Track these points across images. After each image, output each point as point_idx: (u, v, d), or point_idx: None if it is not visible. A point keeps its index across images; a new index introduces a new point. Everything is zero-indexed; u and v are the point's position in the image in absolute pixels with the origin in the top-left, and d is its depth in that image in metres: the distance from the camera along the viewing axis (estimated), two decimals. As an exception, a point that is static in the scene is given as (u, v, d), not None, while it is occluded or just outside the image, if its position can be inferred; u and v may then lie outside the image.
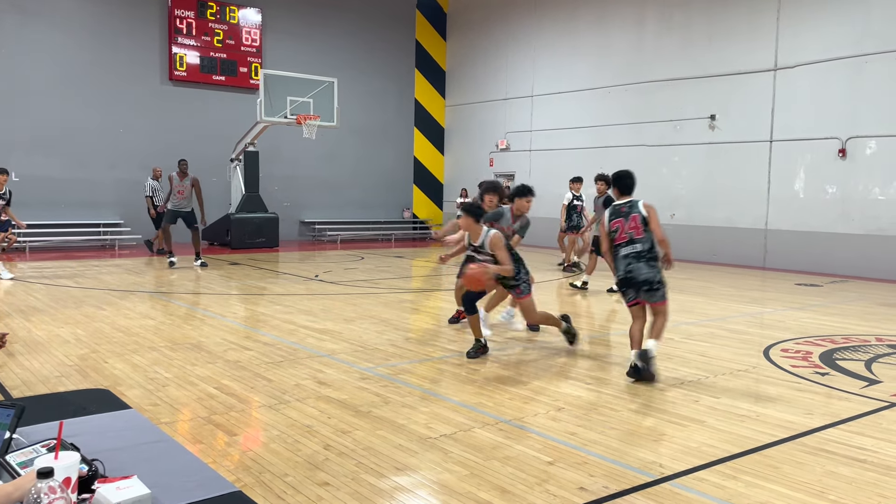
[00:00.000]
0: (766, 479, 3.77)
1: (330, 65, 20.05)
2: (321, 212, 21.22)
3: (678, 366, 6.29)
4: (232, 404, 4.93)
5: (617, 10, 18.05)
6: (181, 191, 13.01)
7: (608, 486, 3.63)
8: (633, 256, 5.78)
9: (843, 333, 7.96)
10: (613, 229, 5.92)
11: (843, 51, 13.91)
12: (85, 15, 17.23)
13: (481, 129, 22.20)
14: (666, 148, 16.98)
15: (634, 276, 5.76)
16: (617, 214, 5.92)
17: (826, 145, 14.23)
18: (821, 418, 4.84)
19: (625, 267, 5.81)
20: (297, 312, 8.70)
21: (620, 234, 5.87)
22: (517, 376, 5.82)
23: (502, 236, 6.34)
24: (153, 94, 18.22)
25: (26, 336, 7.01)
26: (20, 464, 2.07)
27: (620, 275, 5.88)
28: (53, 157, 16.80)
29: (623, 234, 5.85)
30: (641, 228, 5.79)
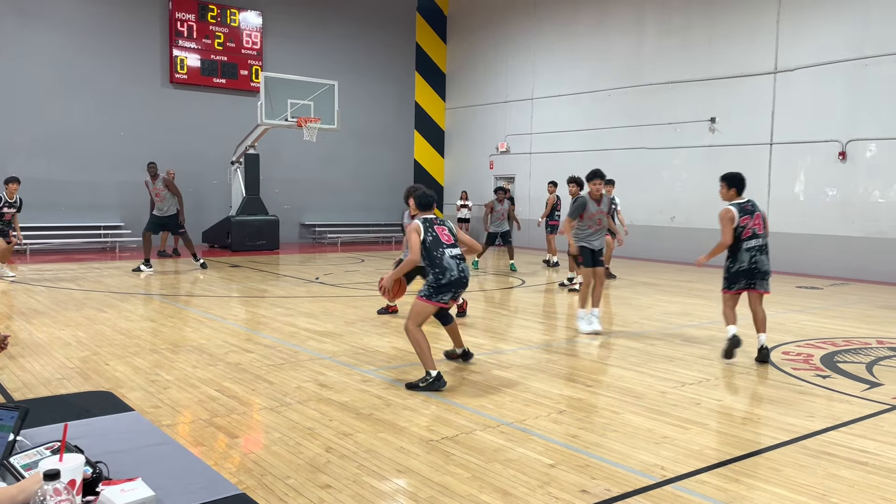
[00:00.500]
0: (767, 481, 3.77)
1: (330, 68, 20.07)
2: (322, 214, 21.22)
3: (679, 368, 6.29)
4: (233, 407, 4.93)
5: (616, 13, 18.08)
6: (157, 193, 12.91)
7: (610, 489, 3.63)
8: (757, 249, 6.58)
9: (843, 336, 7.96)
10: (742, 225, 6.59)
11: (843, 53, 13.93)
12: (86, 17, 17.25)
13: (481, 131, 22.22)
14: (666, 151, 17.00)
15: (759, 266, 6.58)
16: (744, 212, 6.63)
17: (826, 148, 14.24)
18: (822, 421, 4.84)
19: (749, 258, 6.57)
20: (298, 315, 8.70)
21: (747, 230, 6.59)
22: (518, 379, 5.82)
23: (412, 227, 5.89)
24: (154, 96, 18.23)
25: (27, 338, 7.02)
26: (24, 466, 2.07)
27: (744, 265, 6.59)
28: (54, 160, 16.81)
29: (749, 230, 6.59)
30: (762, 225, 6.63)
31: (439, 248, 5.65)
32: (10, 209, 11.40)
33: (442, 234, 5.75)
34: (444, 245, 5.68)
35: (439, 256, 5.63)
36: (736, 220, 6.57)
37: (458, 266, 5.66)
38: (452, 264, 5.63)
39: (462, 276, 5.68)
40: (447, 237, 5.77)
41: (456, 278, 5.63)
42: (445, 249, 5.67)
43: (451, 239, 5.79)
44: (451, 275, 5.61)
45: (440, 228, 5.78)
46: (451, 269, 5.61)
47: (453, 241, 5.79)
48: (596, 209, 8.09)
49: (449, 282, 5.63)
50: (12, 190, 11.35)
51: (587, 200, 8.11)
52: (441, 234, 5.74)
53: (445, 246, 5.69)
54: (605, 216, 8.21)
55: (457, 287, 5.71)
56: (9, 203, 11.36)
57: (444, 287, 5.64)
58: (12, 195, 11.37)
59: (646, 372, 6.16)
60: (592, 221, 8.07)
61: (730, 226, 6.59)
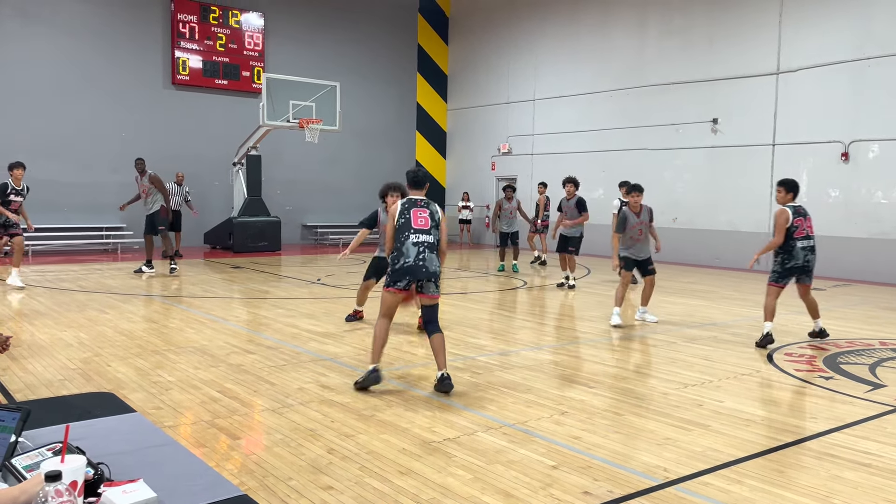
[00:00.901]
0: (771, 483, 3.76)
1: (332, 69, 20.08)
2: (323, 215, 21.23)
3: (682, 369, 6.28)
4: (235, 408, 4.93)
5: (618, 14, 18.07)
6: (144, 190, 12.50)
7: (612, 491, 3.62)
8: (810, 249, 7.37)
9: (846, 337, 7.94)
10: (796, 225, 7.30)
11: (845, 54, 13.91)
12: (88, 19, 17.27)
13: (483, 132, 22.22)
14: (668, 152, 16.99)
15: (810, 265, 7.39)
16: (798, 214, 7.36)
17: (829, 149, 14.23)
18: (825, 422, 4.83)
19: (804, 257, 7.34)
20: (299, 316, 8.70)
21: (800, 230, 7.32)
22: (520, 380, 5.82)
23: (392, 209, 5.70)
24: (156, 97, 18.25)
25: (29, 339, 7.02)
26: (26, 467, 2.07)
27: (798, 263, 7.32)
28: (56, 161, 16.82)
29: (802, 231, 7.32)
30: (812, 228, 7.42)
31: (406, 232, 5.43)
32: (17, 197, 10.40)
33: (416, 219, 5.47)
34: (412, 230, 5.42)
35: (403, 240, 5.42)
36: (790, 221, 7.28)
37: (417, 254, 5.38)
38: (412, 251, 5.38)
39: (419, 264, 5.36)
40: (422, 222, 5.47)
41: (410, 265, 5.36)
42: (411, 234, 5.41)
43: (426, 224, 5.47)
44: (406, 260, 5.37)
45: (418, 211, 5.51)
46: (409, 254, 5.38)
47: (427, 228, 5.46)
48: (636, 221, 8.65)
49: (402, 267, 5.39)
50: (18, 176, 10.37)
51: (628, 214, 8.66)
52: (415, 218, 5.47)
53: (413, 231, 5.42)
54: (646, 226, 8.75)
55: (411, 275, 5.38)
56: (16, 190, 10.37)
57: (398, 272, 5.42)
58: (18, 181, 10.40)
59: (648, 373, 6.15)
60: (634, 232, 8.66)
61: (784, 226, 7.30)
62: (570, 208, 11.68)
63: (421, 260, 5.38)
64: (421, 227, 5.44)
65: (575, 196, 11.70)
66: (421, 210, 5.52)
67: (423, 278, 5.42)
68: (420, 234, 5.43)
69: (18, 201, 10.42)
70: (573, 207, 11.65)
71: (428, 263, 5.40)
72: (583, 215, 11.57)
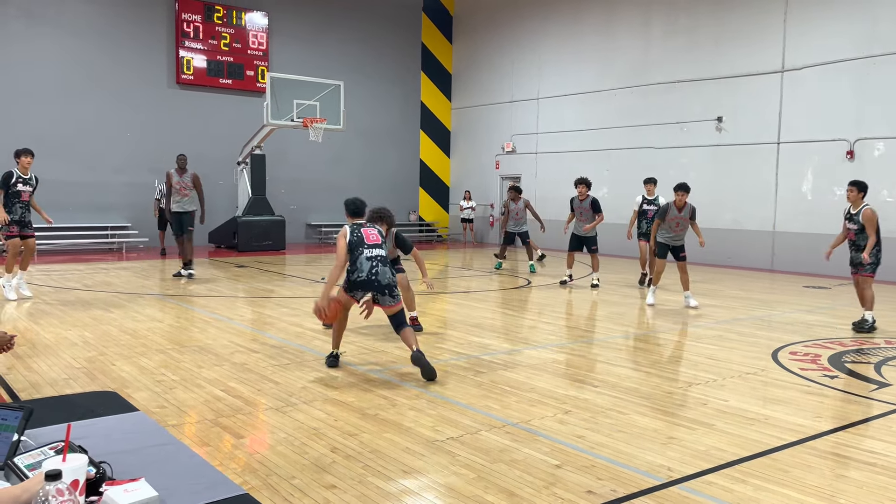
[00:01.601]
0: (775, 482, 3.75)
1: (336, 68, 20.08)
2: (327, 214, 21.23)
3: (686, 368, 6.26)
4: (239, 407, 4.93)
5: (623, 13, 18.03)
6: (183, 187, 11.89)
7: (616, 490, 3.61)
8: (855, 248, 8.60)
9: (851, 336, 7.91)
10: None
11: (850, 52, 13.86)
12: (92, 19, 17.31)
13: (487, 131, 22.20)
14: (672, 150, 16.94)
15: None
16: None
17: (834, 147, 14.18)
18: (830, 421, 4.81)
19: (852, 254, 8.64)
20: (303, 315, 8.70)
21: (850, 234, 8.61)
22: (524, 379, 5.81)
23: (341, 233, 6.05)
24: (160, 97, 18.28)
25: (34, 339, 7.04)
26: (28, 466, 2.07)
27: (881, 256, 8.46)
28: (61, 161, 16.85)
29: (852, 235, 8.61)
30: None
31: (359, 248, 5.86)
32: (25, 187, 9.35)
33: (368, 236, 5.92)
34: (365, 245, 5.87)
35: (357, 256, 5.85)
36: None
37: (370, 268, 5.80)
38: (365, 265, 5.80)
39: (372, 279, 5.77)
40: (373, 238, 5.93)
41: (363, 279, 5.79)
42: (365, 250, 5.85)
43: (377, 240, 5.94)
44: (360, 275, 5.80)
45: (368, 230, 5.97)
46: (363, 269, 5.80)
47: (378, 243, 5.93)
48: (676, 214, 9.92)
49: (357, 280, 5.83)
50: (25, 164, 9.37)
51: (670, 206, 9.95)
52: (367, 236, 5.92)
53: (366, 246, 5.86)
54: (685, 221, 9.97)
55: (364, 288, 5.84)
56: (23, 179, 9.35)
57: (355, 285, 5.87)
58: (26, 170, 9.39)
59: (652, 372, 6.14)
60: (672, 224, 9.97)
61: (876, 223, 8.23)
62: (584, 209, 11.61)
63: (373, 274, 5.80)
64: (371, 242, 5.91)
65: (588, 196, 11.63)
66: (368, 230, 6.00)
67: (377, 292, 5.86)
68: (372, 248, 5.89)
69: (27, 191, 9.37)
70: (587, 208, 11.58)
71: (380, 277, 5.82)
72: (598, 216, 11.54)
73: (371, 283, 5.80)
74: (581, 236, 11.70)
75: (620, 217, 17.68)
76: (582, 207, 11.61)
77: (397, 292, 5.95)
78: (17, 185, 9.29)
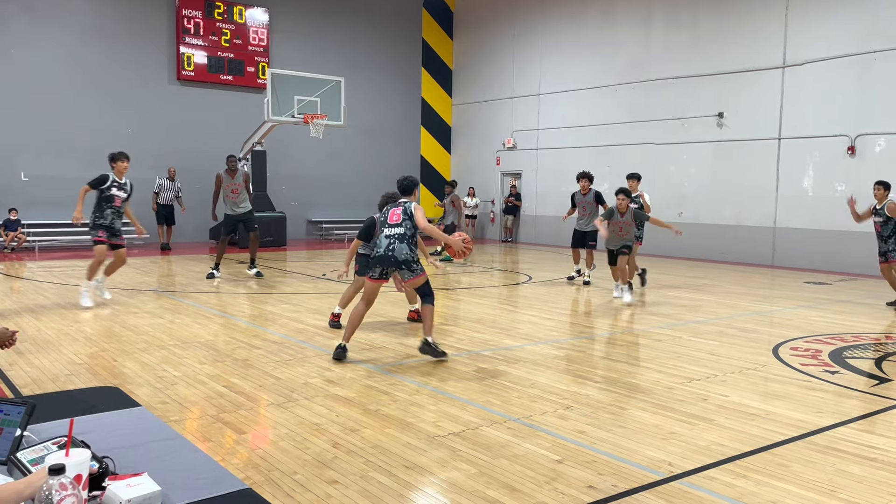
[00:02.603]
0: (776, 477, 3.76)
1: (337, 64, 20.06)
2: (328, 211, 21.24)
3: (687, 364, 6.27)
4: (240, 402, 4.94)
5: (624, 8, 18.00)
6: (235, 189, 11.36)
7: (617, 485, 3.62)
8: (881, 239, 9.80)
9: (852, 332, 7.92)
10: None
11: (851, 48, 13.84)
12: (93, 15, 17.30)
13: (488, 127, 22.19)
14: (673, 146, 16.94)
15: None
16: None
17: (835, 143, 14.16)
18: (831, 417, 4.82)
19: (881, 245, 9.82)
20: (305, 311, 8.71)
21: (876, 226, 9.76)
22: (525, 375, 5.82)
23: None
24: (161, 93, 18.28)
25: (36, 334, 7.05)
26: (31, 461, 2.08)
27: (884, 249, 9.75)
28: (62, 158, 16.88)
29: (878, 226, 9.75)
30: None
31: (382, 228, 6.26)
32: (120, 192, 8.83)
33: (391, 216, 6.24)
34: (386, 224, 6.23)
35: (378, 234, 6.32)
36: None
37: (387, 245, 6.11)
38: (383, 242, 6.15)
39: (388, 255, 6.07)
40: (395, 218, 6.21)
41: (380, 255, 6.12)
42: (385, 228, 6.21)
43: (398, 219, 6.19)
44: (378, 251, 6.17)
45: (394, 209, 6.28)
46: (380, 245, 6.16)
47: (399, 222, 6.18)
48: (619, 219, 10.10)
49: (375, 257, 6.20)
50: (122, 168, 8.84)
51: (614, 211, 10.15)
52: (390, 216, 6.25)
53: (387, 225, 6.21)
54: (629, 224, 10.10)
55: (382, 264, 6.13)
56: (118, 184, 8.83)
57: (373, 262, 6.23)
58: (122, 174, 8.86)
59: (653, 367, 6.14)
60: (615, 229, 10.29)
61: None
62: (587, 203, 11.60)
63: (390, 250, 6.09)
64: (392, 221, 6.20)
65: (591, 190, 11.62)
66: (396, 208, 6.29)
67: (393, 266, 6.13)
68: (391, 227, 6.18)
69: (121, 197, 8.85)
70: (591, 202, 11.58)
71: (396, 253, 6.08)
72: (604, 208, 11.53)
73: (388, 258, 6.09)
74: (584, 231, 11.67)
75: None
76: (585, 202, 11.59)
77: (416, 266, 6.15)
78: (112, 189, 8.78)
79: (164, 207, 16.75)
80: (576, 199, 11.76)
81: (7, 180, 16.33)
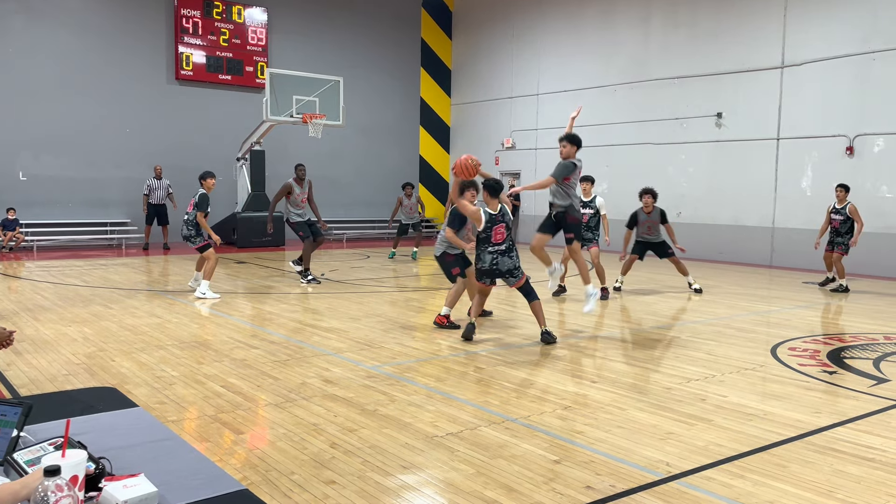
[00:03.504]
0: (773, 477, 3.76)
1: (335, 64, 20.06)
2: (327, 210, 21.09)
3: (685, 364, 6.27)
4: (238, 402, 4.94)
5: (622, 8, 18.00)
6: (304, 199, 11.42)
7: (615, 485, 3.62)
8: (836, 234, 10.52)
9: (850, 332, 7.92)
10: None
11: (850, 48, 13.85)
12: (91, 14, 17.29)
13: (487, 127, 22.19)
14: (672, 146, 16.94)
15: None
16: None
17: (833, 143, 14.17)
18: (829, 417, 4.82)
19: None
20: (303, 311, 8.70)
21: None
22: (523, 375, 5.82)
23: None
24: (160, 93, 18.26)
25: (34, 334, 7.04)
26: (27, 462, 2.08)
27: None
28: (61, 157, 16.86)
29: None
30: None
31: (485, 245, 7.11)
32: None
33: (496, 234, 7.06)
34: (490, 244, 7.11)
35: (482, 249, 7.21)
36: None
37: (491, 261, 7.12)
38: (488, 258, 7.10)
39: (493, 268, 7.12)
40: (499, 236, 7.06)
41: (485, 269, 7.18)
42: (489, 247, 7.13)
43: (502, 238, 7.09)
44: (483, 265, 7.16)
45: (497, 227, 7.08)
46: (485, 261, 7.17)
47: (502, 241, 7.11)
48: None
49: (480, 269, 7.20)
50: (210, 185, 9.83)
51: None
52: (495, 234, 7.06)
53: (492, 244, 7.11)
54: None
55: (489, 276, 7.22)
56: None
57: (479, 272, 7.18)
58: (210, 190, 9.85)
59: (651, 368, 6.14)
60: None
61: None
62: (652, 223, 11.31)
63: (495, 264, 6.98)
64: (497, 241, 7.00)
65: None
66: (498, 226, 6.99)
67: (499, 277, 7.05)
68: (496, 245, 6.99)
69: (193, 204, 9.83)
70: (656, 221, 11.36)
71: (500, 266, 6.99)
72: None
73: (493, 272, 7.03)
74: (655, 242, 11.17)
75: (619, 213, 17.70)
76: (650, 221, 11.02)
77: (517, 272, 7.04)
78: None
79: (157, 207, 16.56)
80: (639, 218, 11.12)
81: (5, 180, 16.31)
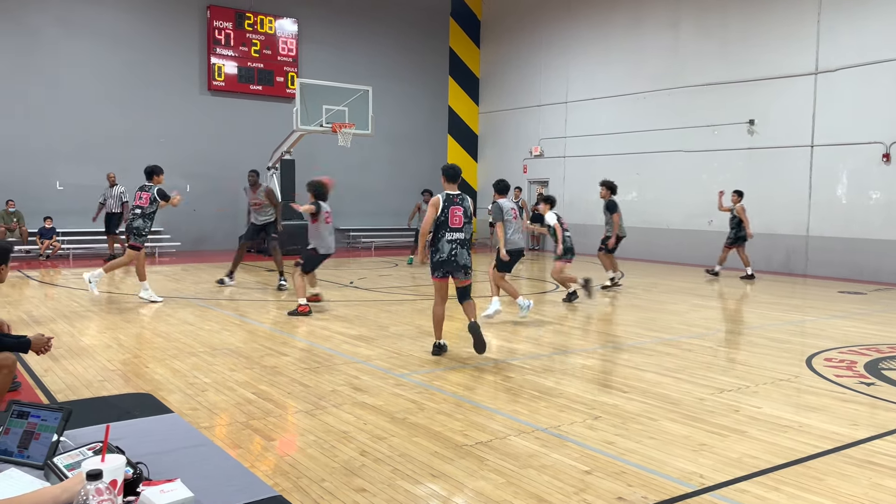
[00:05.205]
0: (810, 491, 3.69)
1: (364, 73, 20.20)
2: (356, 219, 21.35)
3: (717, 374, 6.19)
4: (269, 409, 4.98)
5: (651, 14, 17.89)
6: (258, 203, 12.11)
7: (647, 497, 3.58)
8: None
9: (888, 342, 7.75)
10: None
11: (886, 53, 13.60)
12: (126, 27, 17.64)
13: (515, 135, 22.17)
14: (704, 154, 16.76)
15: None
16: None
17: (869, 150, 13.91)
18: (866, 429, 4.72)
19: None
20: (332, 319, 8.76)
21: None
22: (553, 384, 5.78)
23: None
24: (192, 103, 18.57)
25: (70, 341, 7.18)
26: (67, 466, 2.12)
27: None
28: (97, 167, 17.18)
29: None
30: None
31: (443, 230, 6.71)
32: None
33: (452, 217, 6.64)
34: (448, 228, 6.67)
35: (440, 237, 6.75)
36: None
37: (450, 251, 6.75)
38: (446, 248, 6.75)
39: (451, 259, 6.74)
40: (456, 220, 6.65)
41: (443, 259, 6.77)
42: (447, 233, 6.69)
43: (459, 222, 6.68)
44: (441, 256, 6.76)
45: (454, 209, 6.64)
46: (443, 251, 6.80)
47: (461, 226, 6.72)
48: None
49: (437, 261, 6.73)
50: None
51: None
52: (451, 216, 6.64)
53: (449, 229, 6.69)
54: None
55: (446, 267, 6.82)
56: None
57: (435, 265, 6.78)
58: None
59: (683, 378, 6.07)
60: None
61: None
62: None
63: (454, 255, 6.57)
64: (455, 225, 6.59)
65: (609, 198, 11.73)
66: (455, 208, 6.58)
67: (457, 270, 6.65)
68: (454, 231, 6.60)
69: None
70: (603, 211, 11.76)
71: (458, 258, 6.59)
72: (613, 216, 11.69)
73: (450, 262, 6.64)
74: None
75: (645, 222, 17.54)
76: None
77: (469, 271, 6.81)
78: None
79: (109, 216, 15.92)
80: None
81: (42, 189, 16.67)
